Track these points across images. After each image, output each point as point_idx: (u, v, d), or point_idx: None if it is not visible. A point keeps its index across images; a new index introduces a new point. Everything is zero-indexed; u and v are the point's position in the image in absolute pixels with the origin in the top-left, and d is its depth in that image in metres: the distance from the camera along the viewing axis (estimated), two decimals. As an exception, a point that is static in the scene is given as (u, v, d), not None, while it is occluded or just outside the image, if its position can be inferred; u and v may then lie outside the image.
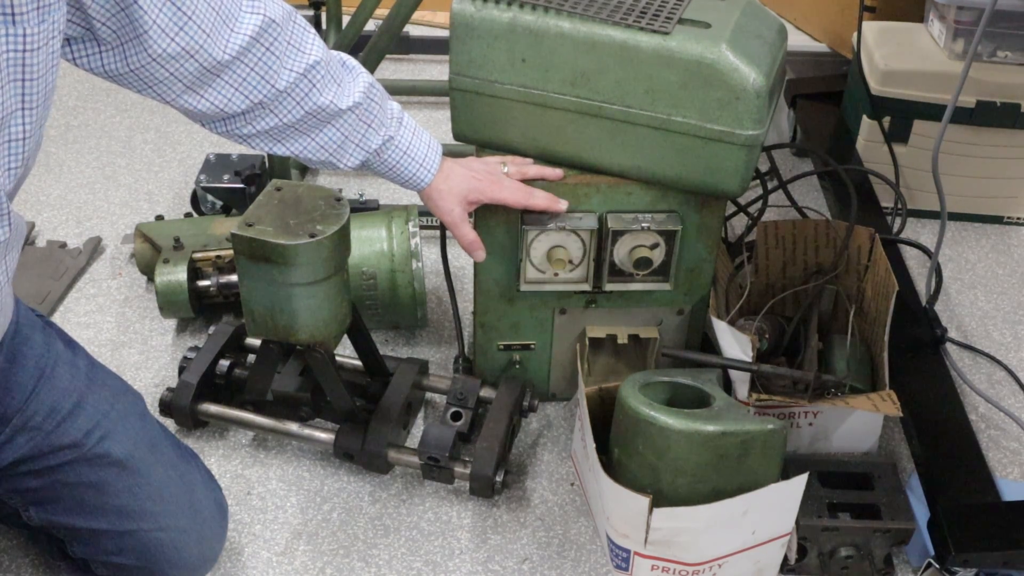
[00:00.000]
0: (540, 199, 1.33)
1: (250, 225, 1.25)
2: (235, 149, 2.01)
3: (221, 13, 1.07)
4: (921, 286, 1.76)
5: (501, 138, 1.37)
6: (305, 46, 1.16)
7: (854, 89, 2.10)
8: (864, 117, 2.01)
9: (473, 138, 1.40)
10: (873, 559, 1.33)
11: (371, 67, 1.86)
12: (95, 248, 1.92)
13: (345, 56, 1.24)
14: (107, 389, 1.25)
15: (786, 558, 1.32)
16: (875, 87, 1.97)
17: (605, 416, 1.35)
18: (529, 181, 1.34)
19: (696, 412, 1.25)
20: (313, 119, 1.21)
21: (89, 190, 2.11)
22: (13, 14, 0.87)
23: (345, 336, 1.44)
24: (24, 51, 0.89)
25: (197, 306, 1.70)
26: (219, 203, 1.89)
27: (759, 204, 1.73)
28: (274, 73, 1.14)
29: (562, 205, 1.34)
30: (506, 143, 1.38)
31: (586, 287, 1.44)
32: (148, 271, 1.79)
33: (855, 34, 2.09)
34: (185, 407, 1.50)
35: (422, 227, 1.72)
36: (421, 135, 1.31)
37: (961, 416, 1.51)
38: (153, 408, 1.51)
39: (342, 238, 1.28)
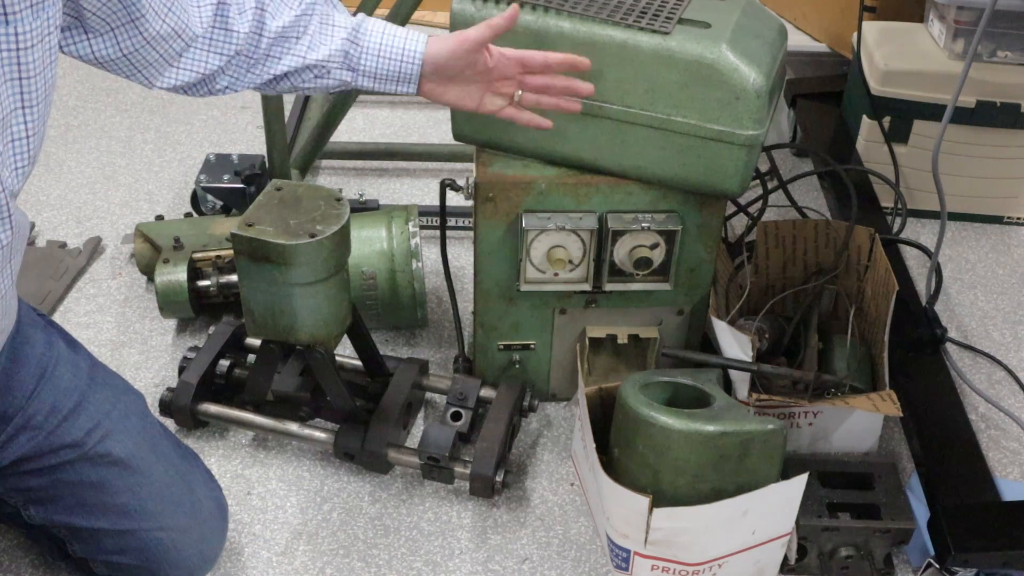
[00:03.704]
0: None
1: (250, 225, 1.25)
2: (235, 149, 2.01)
3: None
4: (921, 286, 1.76)
5: (501, 138, 1.37)
6: None
7: (854, 89, 2.10)
8: (864, 117, 2.02)
9: (473, 138, 1.40)
10: (873, 559, 1.33)
11: (371, 67, 1.85)
12: (95, 248, 1.92)
13: None
14: (108, 389, 1.25)
15: (786, 558, 1.32)
16: (875, 87, 1.97)
17: (605, 416, 1.35)
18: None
19: (696, 412, 1.25)
20: (278, 45, 1.18)
21: (89, 190, 2.11)
22: (5, 13, 0.87)
23: (345, 336, 1.44)
24: (19, 49, 0.90)
25: (197, 306, 1.70)
26: (219, 203, 1.89)
27: (759, 204, 1.73)
28: (235, 22, 1.14)
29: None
30: (506, 143, 1.38)
31: (586, 287, 1.44)
32: (148, 271, 1.79)
33: (855, 34, 2.09)
34: (185, 407, 1.50)
35: (422, 227, 1.72)
36: (389, 25, 1.23)
37: (961, 416, 1.51)
38: (153, 408, 1.51)
39: (342, 238, 1.28)
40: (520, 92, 1.23)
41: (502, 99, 1.23)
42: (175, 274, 1.67)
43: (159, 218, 1.85)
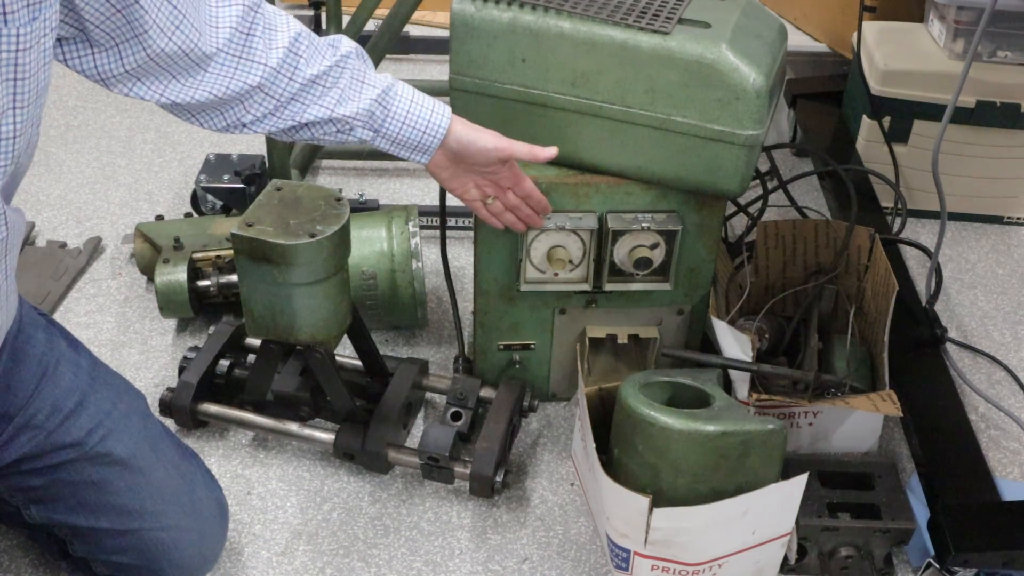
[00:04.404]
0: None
1: (250, 225, 1.25)
2: (235, 149, 2.01)
3: (200, 9, 1.08)
4: (921, 286, 1.76)
5: (501, 138, 1.37)
6: (281, 25, 1.15)
7: (854, 89, 2.10)
8: (864, 117, 2.02)
9: (473, 138, 1.40)
10: (873, 559, 1.33)
11: (371, 67, 1.86)
12: (95, 248, 1.92)
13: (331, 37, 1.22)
14: (109, 388, 1.25)
15: (786, 558, 1.32)
16: (875, 87, 1.97)
17: (605, 416, 1.35)
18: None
19: (696, 412, 1.25)
20: (307, 91, 1.18)
21: (89, 190, 2.11)
22: (5, 13, 0.87)
23: (345, 336, 1.44)
24: (17, 51, 0.89)
25: (197, 306, 1.70)
26: (219, 203, 1.89)
27: (759, 204, 1.73)
28: (261, 55, 1.13)
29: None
30: (506, 143, 1.37)
31: (586, 287, 1.44)
32: (148, 271, 1.79)
33: (855, 34, 2.09)
34: (185, 407, 1.50)
35: (422, 227, 1.72)
36: (417, 93, 1.25)
37: (961, 416, 1.51)
38: (153, 408, 1.51)
39: (342, 238, 1.28)
40: (493, 198, 1.30)
41: (478, 193, 1.30)
42: (175, 274, 1.67)
43: (159, 218, 1.85)
